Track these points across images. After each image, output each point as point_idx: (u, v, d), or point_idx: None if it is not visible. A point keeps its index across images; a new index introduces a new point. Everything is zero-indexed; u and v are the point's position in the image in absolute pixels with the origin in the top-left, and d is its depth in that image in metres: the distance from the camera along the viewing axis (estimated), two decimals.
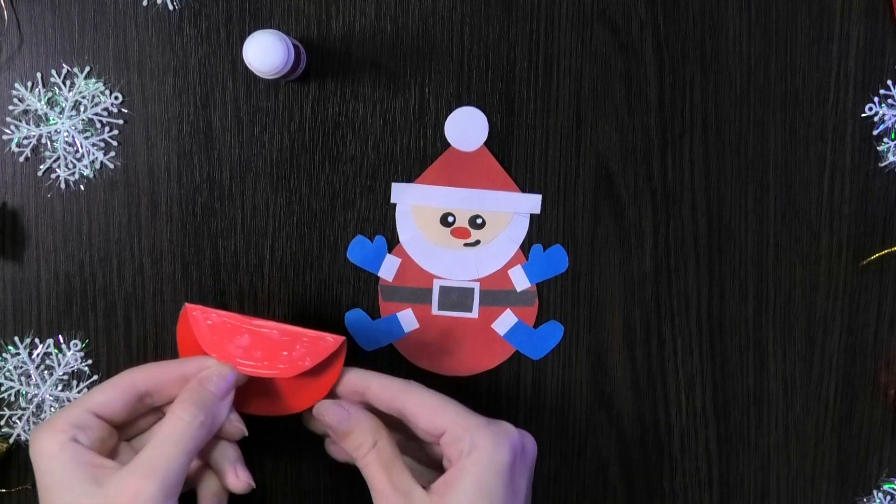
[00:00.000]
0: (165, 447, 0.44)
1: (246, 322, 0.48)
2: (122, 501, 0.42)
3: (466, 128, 0.53)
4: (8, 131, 0.54)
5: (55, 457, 0.43)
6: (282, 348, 0.48)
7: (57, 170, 0.54)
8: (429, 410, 0.46)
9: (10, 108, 0.53)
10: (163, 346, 0.54)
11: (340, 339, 0.48)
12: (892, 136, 0.54)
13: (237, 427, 0.48)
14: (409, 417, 0.47)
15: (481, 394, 0.55)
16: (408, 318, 0.54)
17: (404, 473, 0.45)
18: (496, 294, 0.54)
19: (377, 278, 0.54)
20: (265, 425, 0.50)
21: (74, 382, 0.54)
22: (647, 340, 0.55)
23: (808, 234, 0.54)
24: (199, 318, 0.48)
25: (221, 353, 0.48)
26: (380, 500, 0.45)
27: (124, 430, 0.48)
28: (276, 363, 0.48)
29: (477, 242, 0.54)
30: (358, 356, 0.54)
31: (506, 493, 0.44)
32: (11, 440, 0.54)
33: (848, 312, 0.55)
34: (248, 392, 0.49)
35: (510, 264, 0.54)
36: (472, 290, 0.54)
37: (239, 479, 0.48)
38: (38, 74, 0.53)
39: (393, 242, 0.54)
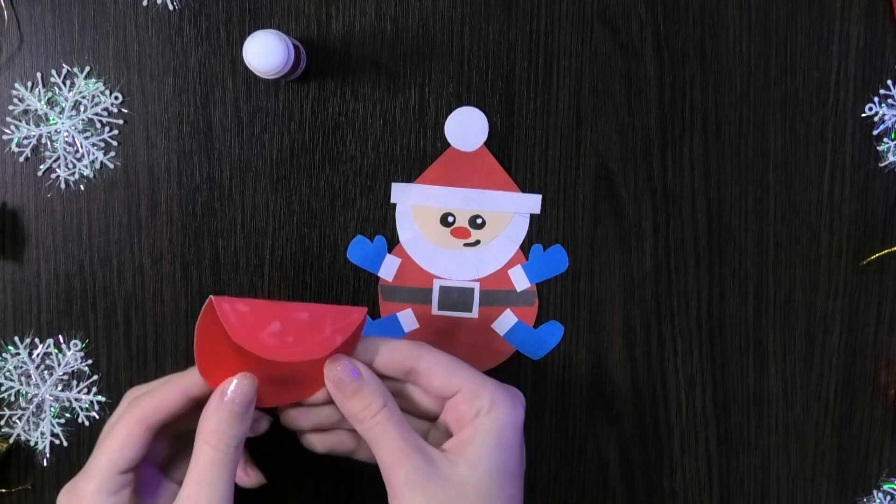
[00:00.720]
0: (212, 483, 0.43)
1: (275, 308, 0.46)
2: None
3: (466, 128, 0.53)
4: (8, 131, 0.54)
5: None
6: (312, 329, 0.46)
7: (57, 170, 0.54)
8: (444, 369, 0.46)
9: (10, 108, 0.53)
10: (163, 346, 0.54)
11: (364, 310, 0.47)
12: (892, 136, 0.54)
13: (261, 425, 0.48)
14: (423, 375, 0.46)
15: None
16: (408, 318, 0.54)
17: (413, 432, 0.45)
18: (496, 294, 0.54)
19: (377, 278, 0.54)
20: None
21: (74, 382, 0.54)
22: (647, 340, 0.55)
23: (808, 234, 0.54)
24: (227, 311, 0.45)
25: (254, 343, 0.45)
26: (393, 460, 0.44)
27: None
28: (308, 345, 0.46)
29: (477, 242, 0.54)
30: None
31: (519, 451, 0.46)
32: (11, 440, 0.54)
33: (848, 312, 0.55)
34: (265, 387, 0.46)
35: (510, 264, 0.54)
36: (472, 290, 0.54)
37: (250, 476, 0.49)
38: (38, 74, 0.53)
39: (393, 242, 0.54)
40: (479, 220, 0.54)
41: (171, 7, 0.53)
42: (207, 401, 0.44)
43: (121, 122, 0.54)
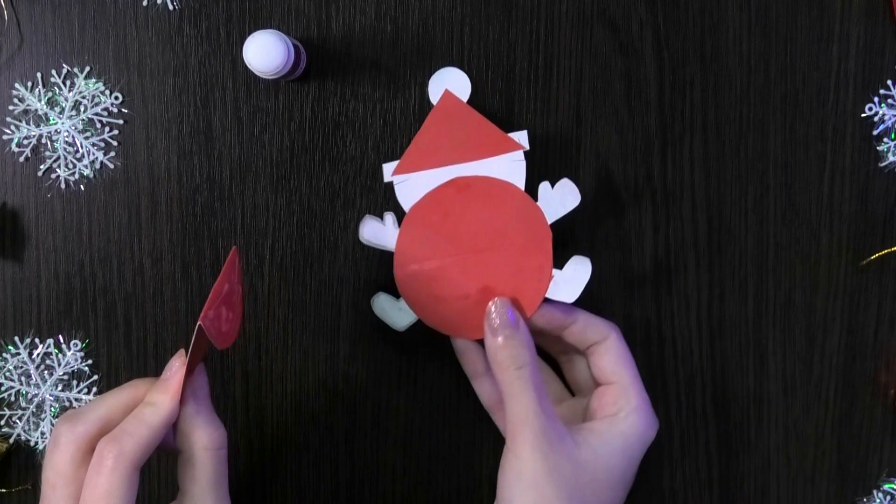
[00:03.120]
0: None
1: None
2: None
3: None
4: (8, 131, 0.54)
5: None
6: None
7: (57, 170, 0.54)
8: (619, 356, 0.49)
9: (10, 108, 0.53)
10: (163, 346, 0.54)
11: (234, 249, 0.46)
12: (892, 136, 0.54)
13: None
14: (599, 349, 0.49)
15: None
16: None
17: (549, 402, 0.47)
18: None
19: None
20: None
21: (74, 382, 0.54)
22: (647, 340, 0.55)
23: (808, 234, 0.54)
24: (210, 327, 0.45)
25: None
26: (525, 417, 0.45)
27: None
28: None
29: None
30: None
31: (636, 464, 0.49)
32: (11, 440, 0.54)
33: (848, 312, 0.55)
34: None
35: None
36: None
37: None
38: (38, 74, 0.53)
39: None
40: None
41: (171, 7, 0.53)
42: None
43: (121, 122, 0.54)
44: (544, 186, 0.51)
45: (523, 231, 0.51)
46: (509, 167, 0.52)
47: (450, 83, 0.53)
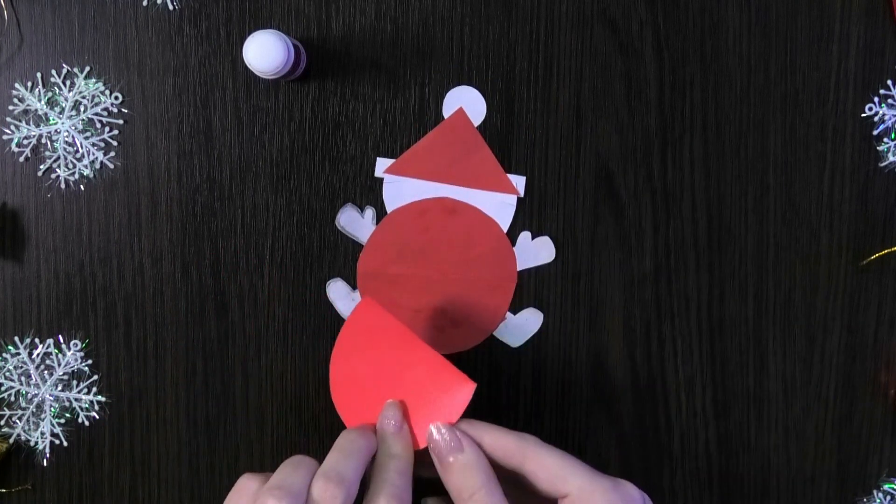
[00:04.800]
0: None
1: (407, 340, 0.46)
2: None
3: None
4: (8, 131, 0.54)
5: None
6: (420, 377, 0.46)
7: (57, 170, 0.54)
8: (551, 472, 0.43)
9: (10, 108, 0.53)
10: (163, 346, 0.54)
11: (471, 385, 0.45)
12: (892, 136, 0.54)
13: None
14: (529, 476, 0.43)
15: (481, 394, 0.55)
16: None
17: None
18: None
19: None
20: None
21: (74, 382, 0.54)
22: (647, 340, 0.55)
23: (808, 234, 0.54)
24: (372, 315, 0.46)
25: (366, 354, 0.46)
26: None
27: None
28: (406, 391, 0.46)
29: None
30: None
31: None
32: (11, 440, 0.54)
33: (848, 312, 0.55)
34: (356, 400, 0.47)
35: None
36: None
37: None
38: (38, 74, 0.53)
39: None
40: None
41: (171, 7, 0.53)
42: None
43: (121, 122, 0.54)
44: (524, 236, 0.54)
45: (493, 270, 0.53)
46: (499, 207, 0.53)
47: (466, 103, 0.53)
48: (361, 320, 0.46)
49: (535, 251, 0.54)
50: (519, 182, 0.53)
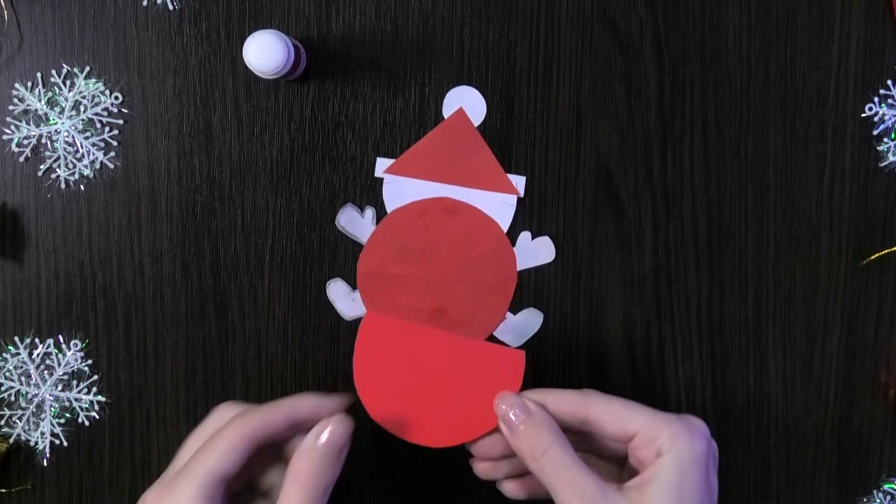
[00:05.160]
0: None
1: (428, 336, 0.49)
2: None
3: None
4: (8, 131, 0.54)
5: None
6: (461, 364, 0.48)
7: (57, 170, 0.54)
8: (616, 416, 0.45)
9: (10, 108, 0.53)
10: (163, 346, 0.54)
11: (521, 353, 0.48)
12: (892, 136, 0.54)
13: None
14: (594, 425, 0.45)
15: None
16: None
17: (591, 474, 0.43)
18: None
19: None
20: None
21: (74, 382, 0.54)
22: (647, 340, 0.55)
23: (808, 234, 0.54)
24: (380, 327, 0.49)
25: (395, 368, 0.49)
26: (565, 501, 0.43)
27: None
28: (455, 385, 0.48)
29: None
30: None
31: (704, 485, 0.44)
32: (11, 440, 0.54)
33: (848, 312, 0.55)
34: (405, 413, 0.49)
35: None
36: None
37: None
38: (38, 74, 0.53)
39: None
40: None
41: (171, 7, 0.53)
42: (301, 441, 0.44)
43: (121, 122, 0.54)
44: (524, 236, 0.54)
45: (492, 269, 0.53)
46: (499, 206, 0.53)
47: (466, 103, 0.53)
48: (371, 335, 0.49)
49: (535, 251, 0.54)
50: (519, 182, 0.53)
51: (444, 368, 0.49)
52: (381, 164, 0.53)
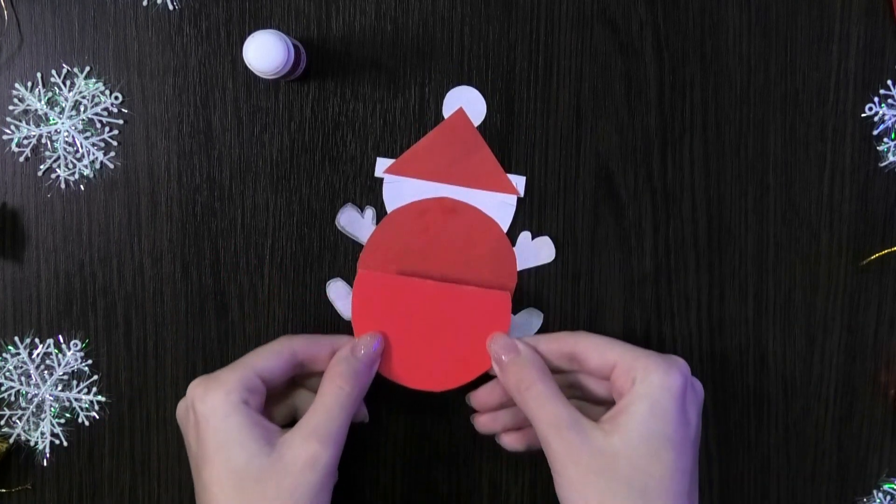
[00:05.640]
0: (335, 415, 0.46)
1: (419, 287, 0.51)
2: (299, 465, 0.44)
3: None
4: (8, 131, 0.54)
5: (230, 415, 0.45)
6: (452, 311, 0.51)
7: (57, 170, 0.54)
8: (599, 348, 0.48)
9: (10, 108, 0.53)
10: (163, 346, 0.54)
11: (506, 294, 0.51)
12: (892, 136, 0.54)
13: (362, 411, 0.51)
14: (580, 357, 0.48)
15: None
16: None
17: (569, 407, 0.46)
18: None
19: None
20: None
21: (74, 382, 0.54)
22: (647, 340, 0.55)
23: (808, 234, 0.54)
24: (374, 283, 0.51)
25: (394, 319, 0.51)
26: (547, 433, 0.45)
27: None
28: (448, 329, 0.51)
29: None
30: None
31: (678, 417, 0.45)
32: (11, 440, 0.54)
33: (848, 312, 0.55)
34: (406, 362, 0.51)
35: None
36: None
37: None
38: (38, 74, 0.53)
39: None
40: None
41: (171, 7, 0.53)
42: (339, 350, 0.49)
43: (121, 122, 0.54)
44: (524, 236, 0.54)
45: (492, 269, 0.53)
46: (499, 206, 0.53)
47: (466, 103, 0.53)
48: (366, 292, 0.52)
49: (536, 251, 0.54)
50: (519, 182, 0.53)
51: (437, 316, 0.51)
52: (381, 164, 0.53)
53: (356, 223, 0.54)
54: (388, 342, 0.51)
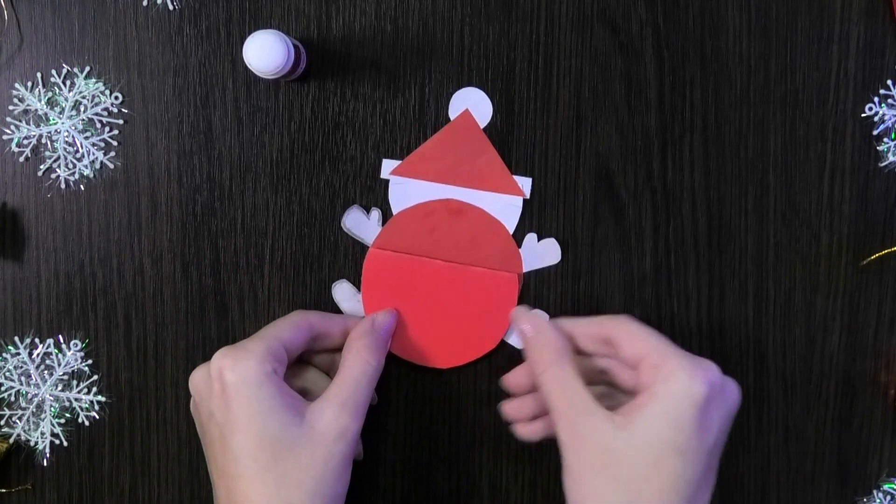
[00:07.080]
0: (363, 388, 0.47)
1: (428, 266, 0.52)
2: (332, 435, 0.45)
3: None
4: (8, 131, 0.54)
5: (263, 385, 0.45)
6: (460, 290, 0.52)
7: (57, 170, 0.54)
8: (633, 337, 0.47)
9: (10, 108, 0.53)
10: (163, 346, 0.54)
11: (513, 276, 0.53)
12: (892, 136, 0.54)
13: (359, 448, 0.51)
14: (615, 342, 0.48)
15: (482, 395, 0.55)
16: None
17: (585, 392, 0.45)
18: None
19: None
20: None
21: (74, 382, 0.54)
22: None
23: (808, 234, 0.54)
24: (384, 262, 0.53)
25: (403, 297, 0.52)
26: (556, 417, 0.45)
27: None
28: (457, 305, 0.52)
29: None
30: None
31: (695, 426, 0.43)
32: (11, 440, 0.54)
33: (848, 312, 0.55)
34: (414, 340, 0.53)
35: None
36: None
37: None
38: (38, 74, 0.53)
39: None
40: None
41: (171, 7, 0.53)
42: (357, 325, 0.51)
43: (121, 122, 0.54)
44: (531, 238, 0.54)
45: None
46: (505, 208, 0.53)
47: (472, 105, 0.53)
48: (376, 270, 0.53)
49: (542, 253, 0.54)
50: (525, 184, 0.53)
51: (447, 295, 0.53)
52: (388, 166, 0.53)
53: (362, 225, 0.54)
54: (397, 321, 0.52)
